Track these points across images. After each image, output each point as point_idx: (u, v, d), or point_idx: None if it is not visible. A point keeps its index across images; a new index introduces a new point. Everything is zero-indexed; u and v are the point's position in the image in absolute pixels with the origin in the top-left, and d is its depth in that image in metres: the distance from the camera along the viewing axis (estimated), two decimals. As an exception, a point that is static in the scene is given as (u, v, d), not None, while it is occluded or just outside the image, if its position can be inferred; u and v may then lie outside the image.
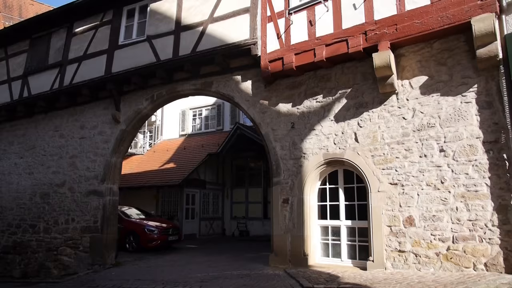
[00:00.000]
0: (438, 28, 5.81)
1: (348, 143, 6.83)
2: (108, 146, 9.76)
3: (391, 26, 6.20)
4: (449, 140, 5.89)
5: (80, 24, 10.62)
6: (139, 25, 9.74)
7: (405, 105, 6.37)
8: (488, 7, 5.42)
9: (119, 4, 9.99)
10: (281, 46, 7.43)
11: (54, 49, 10.97)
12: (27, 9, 22.87)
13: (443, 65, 6.08)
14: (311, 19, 7.15)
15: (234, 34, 8.01)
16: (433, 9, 5.85)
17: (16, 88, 11.33)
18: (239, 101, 8.25)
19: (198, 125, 20.48)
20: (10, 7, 22.07)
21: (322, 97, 7.24)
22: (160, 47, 8.98)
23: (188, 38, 8.63)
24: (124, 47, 9.64)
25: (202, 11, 8.57)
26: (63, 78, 10.38)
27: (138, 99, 9.61)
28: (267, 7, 7.75)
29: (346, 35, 6.64)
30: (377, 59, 6.18)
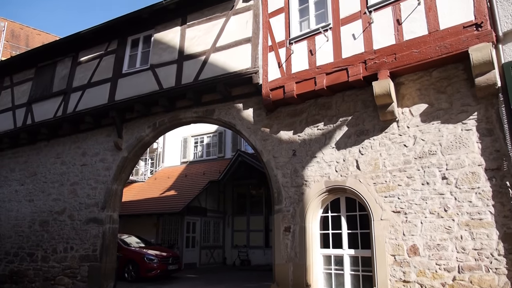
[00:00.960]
0: (436, 57, 5.91)
1: (349, 171, 6.81)
2: (110, 173, 9.76)
3: (390, 55, 6.32)
4: (451, 167, 5.87)
5: (85, 53, 10.86)
6: (143, 54, 9.96)
7: (406, 132, 6.39)
8: (485, 37, 5.54)
9: (124, 34, 10.25)
10: (282, 75, 7.55)
11: (59, 77, 11.16)
12: (34, 38, 23.46)
13: (443, 93, 6.15)
14: (311, 49, 7.30)
15: (236, 63, 8.16)
16: (430, 39, 5.98)
17: (20, 115, 11.45)
18: (240, 128, 8.30)
19: (199, 152, 20.53)
20: (17, 37, 22.65)
21: (323, 125, 7.28)
22: (163, 75, 9.13)
23: (191, 66, 8.79)
24: (128, 76, 9.81)
25: (205, 41, 8.77)
26: (67, 106, 10.51)
27: (140, 127, 9.68)
28: (268, 37, 7.93)
29: (346, 64, 6.76)
30: (377, 88, 6.26)
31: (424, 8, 6.14)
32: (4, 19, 22.11)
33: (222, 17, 8.73)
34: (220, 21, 8.71)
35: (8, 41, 21.24)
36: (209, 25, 8.87)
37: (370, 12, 6.64)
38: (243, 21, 8.40)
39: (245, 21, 8.37)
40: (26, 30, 23.70)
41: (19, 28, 23.31)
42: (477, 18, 5.66)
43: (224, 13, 8.71)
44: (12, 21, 22.93)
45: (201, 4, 9.01)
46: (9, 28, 21.89)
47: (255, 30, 8.16)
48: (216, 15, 8.83)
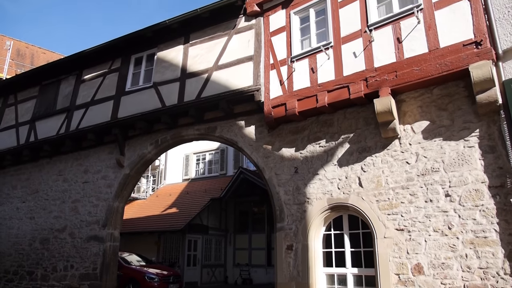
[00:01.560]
0: (437, 74, 5.95)
1: (352, 188, 6.77)
2: (111, 190, 9.73)
3: (391, 73, 6.36)
4: (454, 184, 5.83)
5: (89, 71, 10.99)
6: (146, 72, 10.07)
7: (408, 149, 6.38)
8: (485, 54, 5.58)
9: (128, 52, 10.38)
10: (284, 92, 7.60)
11: (63, 95, 11.27)
12: (39, 57, 23.78)
13: (444, 110, 6.16)
14: (312, 67, 7.37)
15: (238, 80, 8.23)
16: (431, 56, 6.03)
17: (23, 132, 11.52)
18: (242, 145, 8.31)
19: (201, 169, 20.50)
20: (23, 55, 22.97)
21: (325, 142, 7.28)
22: (166, 93, 9.21)
23: (193, 84, 8.87)
24: (131, 93, 9.89)
25: (207, 59, 8.87)
26: (70, 123, 10.57)
27: (142, 144, 9.70)
28: (270, 55, 8.02)
29: (347, 82, 6.81)
30: (379, 105, 6.28)
31: (424, 27, 6.22)
32: (10, 38, 22.47)
33: (224, 36, 8.85)
34: (223, 40, 8.83)
35: (13, 60, 21.53)
36: (212, 43, 8.99)
37: (371, 30, 6.73)
38: (245, 40, 8.52)
39: (247, 39, 8.49)
40: (32, 49, 24.06)
41: (25, 47, 23.67)
42: (477, 36, 5.72)
43: (226, 32, 8.84)
44: (18, 40, 23.30)
45: (204, 24, 9.15)
46: (15, 47, 22.22)
47: (257, 48, 8.26)
48: (218, 34, 8.96)
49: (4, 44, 20.99)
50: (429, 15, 6.22)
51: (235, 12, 8.77)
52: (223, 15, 8.87)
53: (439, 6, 6.17)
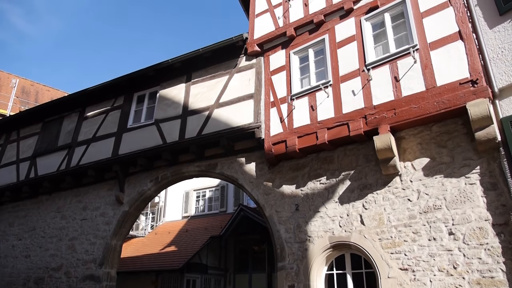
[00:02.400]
0: (435, 112, 6.03)
1: (354, 226, 6.67)
2: (109, 228, 9.59)
3: (390, 110, 6.45)
4: (457, 222, 5.75)
5: (92, 108, 11.15)
6: (148, 109, 10.21)
7: (409, 186, 6.34)
8: (481, 92, 5.68)
9: (130, 90, 10.58)
10: (284, 130, 7.67)
11: (65, 131, 11.37)
12: (43, 94, 24.18)
13: (444, 147, 6.19)
14: (312, 104, 7.48)
15: (238, 118, 8.34)
16: (428, 94, 6.13)
17: (23, 169, 11.51)
18: (243, 182, 8.28)
19: (201, 206, 20.28)
20: (27, 93, 23.38)
21: (326, 179, 7.26)
22: (167, 130, 9.29)
23: (195, 121, 8.97)
24: (132, 130, 9.98)
25: (209, 97, 9.02)
26: (71, 160, 10.59)
27: (142, 181, 9.67)
28: (270, 94, 8.16)
29: (347, 119, 6.88)
30: (378, 142, 6.31)
31: (420, 66, 6.37)
32: (16, 76, 22.98)
33: (225, 74, 9.06)
34: (224, 78, 9.02)
35: (18, 97, 21.88)
36: (213, 82, 9.18)
37: (369, 70, 6.89)
38: (246, 78, 8.71)
39: (248, 78, 8.68)
40: (36, 86, 24.52)
41: (30, 84, 24.14)
42: (472, 75, 5.84)
43: (228, 71, 9.05)
44: (23, 78, 23.80)
45: (206, 63, 9.39)
46: (20, 85, 22.67)
47: (258, 86, 8.43)
48: (220, 72, 9.18)
49: (10, 82, 21.43)
50: (425, 55, 6.39)
51: (236, 52, 9.03)
52: (224, 55, 9.12)
53: (434, 46, 6.35)
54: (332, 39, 7.70)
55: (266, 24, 8.89)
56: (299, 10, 8.41)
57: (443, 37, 6.31)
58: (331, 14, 7.89)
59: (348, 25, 7.57)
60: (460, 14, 6.28)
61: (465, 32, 6.13)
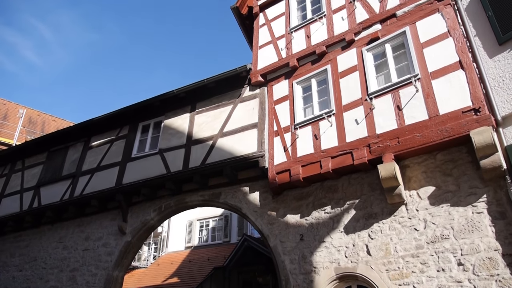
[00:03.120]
0: (439, 140, 6.02)
1: (360, 256, 6.53)
2: (111, 258, 9.44)
3: (393, 139, 6.45)
4: (466, 252, 5.62)
5: (97, 138, 11.24)
6: (152, 139, 10.28)
7: (415, 215, 6.25)
8: (484, 121, 5.69)
9: (135, 120, 10.69)
10: (288, 159, 7.67)
11: (69, 161, 11.42)
12: (50, 124, 24.48)
13: (449, 175, 6.14)
14: (316, 133, 7.51)
15: (242, 147, 8.36)
16: (431, 123, 6.15)
17: (27, 198, 11.49)
18: (246, 212, 8.20)
19: (204, 236, 20.01)
20: (34, 123, 23.68)
21: (331, 208, 7.18)
22: (171, 159, 9.31)
23: (199, 151, 9.00)
24: (137, 160, 10.01)
25: (213, 127, 9.10)
26: (74, 189, 10.58)
27: (145, 210, 9.61)
28: (274, 123, 8.22)
29: (351, 148, 6.89)
30: (383, 171, 6.28)
31: (423, 95, 6.42)
32: (23, 107, 23.36)
33: (229, 104, 9.16)
34: (228, 108, 9.12)
35: (24, 127, 22.15)
36: (217, 111, 9.28)
37: (371, 99, 6.95)
38: (249, 108, 8.80)
39: (251, 108, 8.77)
40: (43, 116, 24.86)
41: (37, 115, 24.50)
42: (475, 104, 5.87)
43: (232, 101, 9.16)
44: (30, 109, 24.18)
45: (210, 93, 9.53)
46: (27, 115, 23.00)
47: (261, 116, 8.50)
48: (224, 102, 9.29)
49: (17, 112, 21.76)
50: (426, 84, 6.46)
51: (240, 82, 9.18)
52: (228, 85, 9.27)
53: (436, 75, 6.43)
54: (334, 69, 7.82)
55: (269, 55, 9.07)
56: (302, 42, 8.61)
57: (444, 67, 6.40)
58: (333, 45, 8.06)
59: (350, 56, 7.71)
60: (460, 44, 6.39)
61: (465, 61, 6.22)
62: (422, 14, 7.05)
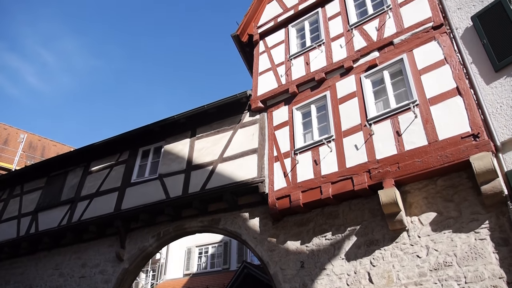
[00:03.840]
0: (439, 166, 6.02)
1: (362, 284, 6.40)
2: (108, 286, 9.23)
3: (393, 164, 6.45)
4: (470, 280, 5.51)
5: (96, 163, 11.23)
6: (152, 164, 10.27)
7: (417, 242, 6.17)
8: (484, 146, 5.71)
9: (135, 145, 10.72)
10: (288, 184, 7.64)
11: (69, 186, 11.36)
12: (50, 149, 24.52)
13: (450, 201, 6.10)
14: (315, 159, 7.51)
15: (242, 172, 8.34)
16: (431, 148, 6.17)
17: (24, 224, 11.36)
18: (246, 238, 8.09)
19: (203, 263, 19.66)
20: (34, 147, 23.72)
21: (331, 235, 7.09)
22: (171, 184, 9.27)
23: (198, 176, 8.97)
24: (136, 185, 9.96)
25: (213, 152, 9.11)
26: (73, 215, 10.47)
27: (144, 236, 9.48)
28: (274, 148, 8.24)
29: (351, 173, 6.87)
30: (383, 196, 6.25)
31: (421, 121, 6.47)
32: (24, 132, 23.47)
33: (229, 129, 9.21)
34: (228, 134, 9.17)
35: (25, 152, 22.17)
36: (217, 137, 9.32)
37: (370, 124, 7.00)
38: (249, 134, 8.84)
39: (251, 133, 8.81)
40: (43, 141, 24.93)
41: (37, 139, 24.57)
42: (473, 129, 5.91)
43: (232, 126, 9.22)
44: (31, 133, 24.28)
45: (210, 118, 9.60)
46: (28, 140, 23.07)
47: (261, 141, 8.53)
48: (224, 128, 9.34)
49: (18, 137, 21.84)
50: (425, 110, 6.52)
51: (240, 108, 9.26)
52: (228, 111, 9.35)
53: (434, 101, 6.50)
54: (333, 95, 7.91)
55: (269, 81, 9.20)
56: (301, 68, 8.75)
57: (442, 93, 6.48)
58: (331, 72, 8.19)
59: (349, 82, 7.81)
60: (457, 71, 6.50)
61: (462, 88, 6.30)
62: (418, 42, 7.20)
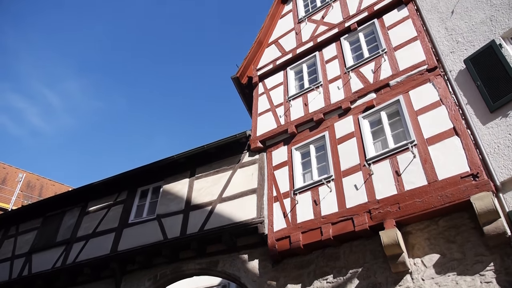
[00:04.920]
0: (439, 206, 5.96)
1: (365, 331, 6.14)
2: (100, 334, 8.86)
3: (394, 204, 6.40)
4: (478, 327, 5.30)
5: (94, 203, 11.11)
6: (151, 204, 10.17)
7: (421, 285, 5.98)
8: (484, 186, 5.69)
9: (134, 185, 10.65)
10: (287, 225, 7.53)
11: (65, 227, 11.18)
12: (48, 188, 24.37)
13: (453, 242, 5.99)
14: (315, 199, 7.46)
15: (241, 213, 8.25)
16: (431, 188, 6.14)
17: (17, 266, 11.05)
18: (245, 281, 7.86)
19: (201, 308, 18.91)
20: (32, 187, 23.59)
21: (333, 277, 6.90)
22: (169, 225, 9.13)
23: (197, 217, 8.86)
24: (134, 225, 9.80)
25: (212, 192, 9.05)
26: (68, 256, 10.22)
27: (140, 279, 9.20)
28: (273, 188, 8.20)
29: (351, 214, 6.80)
30: (385, 237, 6.14)
31: (420, 161, 6.49)
32: (23, 171, 23.44)
33: (229, 169, 9.21)
34: (227, 173, 9.16)
35: (22, 191, 22.03)
36: (217, 177, 9.30)
37: (369, 164, 7.02)
38: (249, 173, 8.83)
39: (250, 173, 8.81)
40: (42, 181, 24.83)
41: (36, 179, 24.48)
42: (472, 169, 5.92)
43: (231, 166, 9.22)
44: (30, 173, 24.24)
45: (210, 158, 9.62)
46: (26, 179, 22.99)
47: (260, 181, 8.50)
48: (223, 167, 9.34)
49: (17, 177, 21.78)
50: (423, 150, 6.56)
51: (240, 148, 9.32)
52: (228, 151, 9.39)
53: (432, 141, 6.56)
54: (332, 135, 7.99)
55: (268, 121, 9.32)
56: (300, 109, 8.89)
57: (439, 133, 6.55)
58: (330, 112, 8.32)
59: (347, 123, 7.92)
60: (453, 112, 6.61)
61: (459, 128, 6.38)
62: (414, 84, 7.38)
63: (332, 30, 9.55)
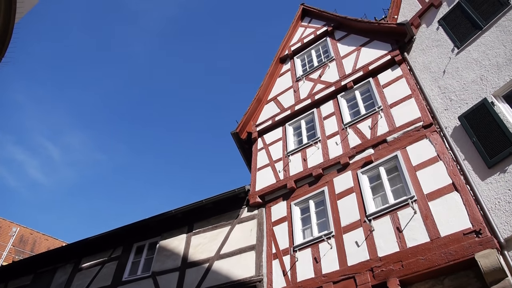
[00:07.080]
0: (443, 264, 5.78)
1: None
2: None
3: (397, 262, 6.21)
4: None
5: (88, 259, 10.77)
6: (146, 260, 9.85)
7: None
8: (488, 243, 5.56)
9: (130, 241, 10.39)
10: (287, 283, 7.25)
11: (56, 284, 10.73)
12: (41, 243, 23.70)
13: (460, 305, 5.73)
14: (316, 256, 7.25)
15: (239, 270, 7.98)
16: (433, 245, 6.00)
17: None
18: None
19: None
20: (25, 242, 22.94)
21: None
22: (164, 284, 8.78)
23: (194, 274, 8.55)
24: (127, 283, 9.42)
25: (209, 248, 8.82)
26: (56, 318, 9.72)
27: None
28: (272, 245, 8.01)
29: (353, 272, 6.58)
30: (389, 298, 5.90)
31: (421, 217, 6.40)
32: (17, 225, 22.92)
33: (227, 225, 9.05)
34: (225, 229, 8.98)
35: (14, 246, 21.40)
36: (214, 232, 9.11)
37: (370, 220, 6.91)
38: (247, 229, 8.67)
39: (249, 229, 8.64)
40: (35, 235, 24.20)
41: (29, 233, 23.87)
42: (475, 226, 5.82)
43: (230, 222, 9.07)
44: (23, 227, 23.67)
45: (208, 213, 9.49)
46: (20, 233, 22.41)
47: (259, 237, 8.32)
48: (221, 223, 9.19)
49: (10, 230, 21.28)
50: (424, 205, 6.50)
51: (238, 203, 9.22)
52: (226, 206, 9.29)
53: (432, 197, 6.51)
54: (331, 191, 7.96)
55: (267, 176, 9.32)
56: (298, 164, 8.93)
57: (439, 189, 6.52)
58: (328, 168, 8.35)
59: (346, 178, 7.92)
60: (451, 167, 6.64)
61: (458, 183, 6.37)
62: (411, 140, 7.49)
63: (329, 88, 9.87)
